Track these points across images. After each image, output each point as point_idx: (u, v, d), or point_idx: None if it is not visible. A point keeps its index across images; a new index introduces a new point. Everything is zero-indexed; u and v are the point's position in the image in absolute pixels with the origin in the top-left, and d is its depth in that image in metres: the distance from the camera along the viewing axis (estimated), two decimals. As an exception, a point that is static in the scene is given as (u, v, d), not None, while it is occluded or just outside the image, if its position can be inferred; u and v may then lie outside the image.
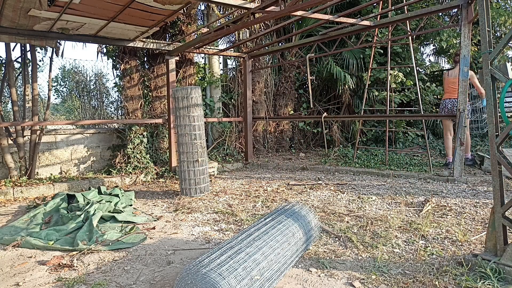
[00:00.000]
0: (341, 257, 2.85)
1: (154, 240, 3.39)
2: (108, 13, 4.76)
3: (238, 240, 2.29)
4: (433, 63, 13.66)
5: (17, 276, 2.68)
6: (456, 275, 2.44)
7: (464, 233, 3.24)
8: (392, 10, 6.01)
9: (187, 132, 5.05)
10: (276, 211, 2.92)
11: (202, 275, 1.88)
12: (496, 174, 2.50)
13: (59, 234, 3.49)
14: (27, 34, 5.35)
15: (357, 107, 9.79)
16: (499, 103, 2.55)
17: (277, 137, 9.74)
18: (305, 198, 4.79)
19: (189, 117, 5.05)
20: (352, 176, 6.27)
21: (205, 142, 5.51)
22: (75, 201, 4.46)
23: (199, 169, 5.08)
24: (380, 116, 8.33)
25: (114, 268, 2.79)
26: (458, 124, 5.26)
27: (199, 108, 5.15)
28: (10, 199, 5.12)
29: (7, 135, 5.80)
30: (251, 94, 8.19)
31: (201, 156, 5.10)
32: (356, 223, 3.66)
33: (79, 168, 6.78)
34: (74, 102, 9.76)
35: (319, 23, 6.16)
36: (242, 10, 4.78)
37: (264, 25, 8.94)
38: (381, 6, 7.10)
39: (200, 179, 5.09)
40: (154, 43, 6.51)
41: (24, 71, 6.04)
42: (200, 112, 5.17)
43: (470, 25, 5.20)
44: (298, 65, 9.73)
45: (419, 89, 6.91)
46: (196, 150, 5.06)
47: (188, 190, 5.06)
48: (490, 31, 2.57)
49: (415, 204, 4.30)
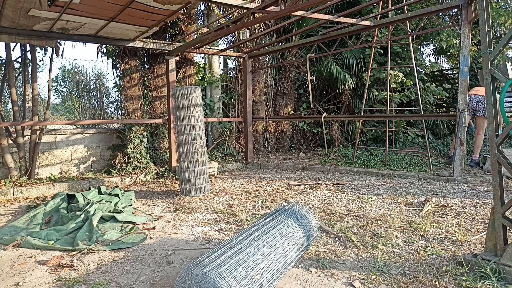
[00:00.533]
0: (341, 257, 2.85)
1: (154, 240, 3.39)
2: (108, 13, 4.76)
3: (238, 240, 2.29)
4: (433, 63, 13.67)
5: (17, 276, 2.68)
6: (456, 275, 2.44)
7: (464, 233, 3.24)
8: (392, 10, 6.01)
9: (187, 132, 5.05)
10: (276, 211, 2.92)
11: (202, 275, 1.88)
12: (496, 174, 2.50)
13: (59, 234, 3.49)
14: (27, 34, 5.35)
15: (357, 107, 9.79)
16: (499, 103, 2.55)
17: (277, 137, 9.74)
18: (305, 198, 4.79)
19: (189, 117, 5.05)
20: (352, 176, 6.27)
21: (205, 142, 5.51)
22: (75, 201, 4.46)
23: (199, 169, 5.08)
24: (380, 116, 8.33)
25: (114, 268, 2.79)
26: (458, 124, 5.27)
27: (199, 108, 5.15)
28: (10, 199, 5.12)
29: (7, 135, 5.80)
30: (251, 94, 8.19)
31: (201, 156, 5.10)
32: (356, 223, 3.66)
33: (79, 168, 6.78)
34: (74, 102, 9.76)
35: (319, 23, 6.16)
36: (242, 10, 4.78)
37: (264, 25, 8.94)
38: (381, 6, 7.10)
39: (200, 179, 5.09)
40: (154, 43, 6.51)
41: (24, 71, 6.04)
42: (200, 112, 5.17)
43: (470, 25, 5.20)
44: (298, 65, 9.74)
45: (419, 89, 6.91)
46: (196, 150, 5.06)
47: (188, 190, 5.06)
48: (490, 31, 2.57)
49: (415, 204, 4.30)
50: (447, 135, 9.92)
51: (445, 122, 9.83)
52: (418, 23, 8.48)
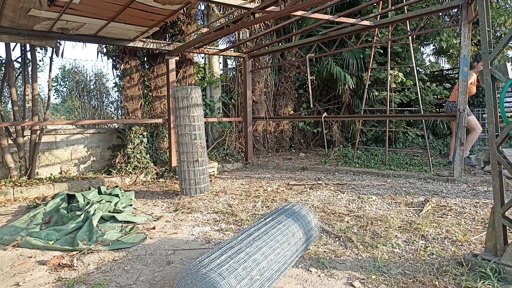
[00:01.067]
0: (341, 257, 2.85)
1: (154, 240, 3.39)
2: (108, 13, 4.76)
3: (238, 240, 2.29)
4: (433, 63, 13.68)
5: (17, 276, 2.68)
6: (456, 275, 2.44)
7: (464, 233, 3.24)
8: (392, 10, 6.01)
9: (187, 132, 5.05)
10: (276, 211, 2.92)
11: (202, 275, 1.88)
12: (496, 174, 2.50)
13: (59, 234, 3.49)
14: (27, 34, 5.35)
15: (357, 107, 9.79)
16: (499, 103, 2.55)
17: (277, 137, 9.74)
18: (305, 198, 4.79)
19: (189, 117, 5.05)
20: (352, 176, 6.27)
21: (205, 142, 5.51)
22: (75, 201, 4.46)
23: (199, 169, 5.08)
24: (380, 116, 8.33)
25: (114, 268, 2.79)
26: (458, 124, 5.27)
27: (199, 108, 5.15)
28: (10, 199, 5.12)
29: (7, 135, 5.80)
30: (251, 94, 8.19)
31: (201, 156, 5.10)
32: (356, 223, 3.66)
33: (79, 168, 6.78)
34: (74, 102, 9.76)
35: (319, 23, 6.16)
36: (242, 10, 4.78)
37: (264, 25, 8.93)
38: (381, 6, 7.10)
39: (200, 179, 5.09)
40: (154, 43, 6.51)
41: (24, 71, 6.04)
42: (200, 112, 5.17)
43: (470, 25, 5.20)
44: (298, 65, 9.73)
45: (419, 89, 6.91)
46: (196, 150, 5.06)
47: (188, 190, 5.06)
48: (490, 31, 2.57)
49: (415, 204, 4.30)
50: (447, 135, 9.92)
51: (445, 122, 9.83)
52: (418, 23, 8.48)
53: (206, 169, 5.20)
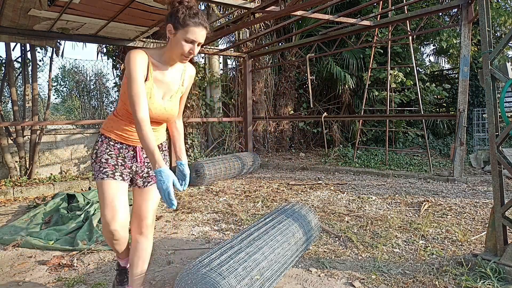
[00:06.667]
0: (341, 257, 2.85)
1: (154, 240, 3.38)
2: (108, 13, 4.76)
3: (238, 240, 2.29)
4: (433, 63, 13.68)
5: (17, 276, 2.68)
6: (456, 275, 2.44)
7: (464, 233, 3.24)
8: (392, 10, 6.01)
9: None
10: (276, 211, 2.92)
11: (202, 275, 1.88)
12: (496, 174, 2.50)
13: (59, 234, 3.49)
14: (27, 34, 5.35)
15: (357, 107, 9.79)
16: (499, 103, 2.55)
17: (277, 137, 9.74)
18: (305, 198, 4.79)
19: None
20: (352, 176, 6.27)
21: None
22: (75, 201, 4.46)
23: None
24: (380, 116, 8.33)
25: (114, 268, 2.78)
26: (458, 124, 5.27)
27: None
28: (10, 199, 5.12)
29: (7, 135, 5.80)
30: (251, 94, 8.19)
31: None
32: (356, 223, 3.66)
33: (79, 168, 6.78)
34: (74, 102, 9.76)
35: (319, 23, 6.16)
36: (242, 10, 4.78)
37: (264, 25, 8.93)
38: (381, 6, 7.10)
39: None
40: (154, 43, 6.51)
41: (24, 71, 6.04)
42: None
43: (470, 25, 5.20)
44: (298, 65, 9.73)
45: (419, 89, 6.92)
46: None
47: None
48: (490, 31, 2.57)
49: (415, 204, 4.30)
50: (447, 135, 9.92)
51: (445, 122, 9.83)
52: (418, 23, 8.48)
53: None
